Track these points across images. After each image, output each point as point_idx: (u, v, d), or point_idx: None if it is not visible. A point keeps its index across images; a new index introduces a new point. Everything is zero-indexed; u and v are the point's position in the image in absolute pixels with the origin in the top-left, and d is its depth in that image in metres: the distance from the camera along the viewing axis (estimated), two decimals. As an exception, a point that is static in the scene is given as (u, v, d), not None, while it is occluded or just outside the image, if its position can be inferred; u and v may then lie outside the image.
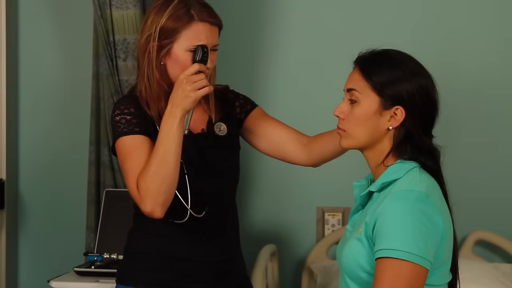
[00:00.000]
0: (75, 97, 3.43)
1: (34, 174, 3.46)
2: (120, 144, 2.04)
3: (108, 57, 3.01)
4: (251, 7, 3.37)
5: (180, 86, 1.97)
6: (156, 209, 1.95)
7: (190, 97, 1.96)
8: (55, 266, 3.36)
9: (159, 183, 1.94)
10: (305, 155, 2.18)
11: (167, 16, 2.02)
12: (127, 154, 2.01)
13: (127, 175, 2.00)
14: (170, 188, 1.96)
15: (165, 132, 1.96)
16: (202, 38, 2.02)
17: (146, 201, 1.95)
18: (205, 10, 2.04)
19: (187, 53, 2.02)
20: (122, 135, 2.03)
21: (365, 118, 1.77)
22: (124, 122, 2.04)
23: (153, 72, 2.06)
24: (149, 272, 2.10)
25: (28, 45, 3.45)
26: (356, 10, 3.38)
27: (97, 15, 3.00)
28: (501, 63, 3.35)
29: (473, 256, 3.30)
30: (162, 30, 2.02)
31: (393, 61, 1.77)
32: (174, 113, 1.97)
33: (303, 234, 3.42)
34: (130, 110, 2.06)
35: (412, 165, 1.76)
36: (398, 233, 1.64)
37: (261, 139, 2.22)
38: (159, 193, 1.94)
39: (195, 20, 2.02)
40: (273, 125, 2.22)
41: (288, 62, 3.39)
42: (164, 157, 1.95)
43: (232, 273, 2.18)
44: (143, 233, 2.13)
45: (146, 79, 2.07)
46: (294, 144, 2.19)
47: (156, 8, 2.06)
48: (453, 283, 1.81)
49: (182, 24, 2.02)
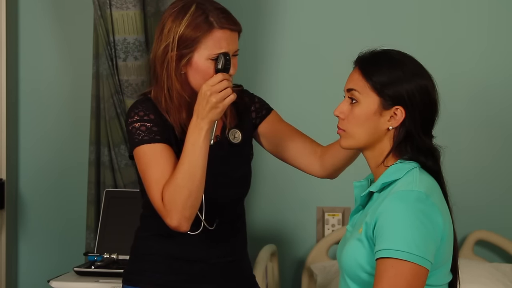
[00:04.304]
0: (75, 97, 3.42)
1: (34, 174, 3.46)
2: (141, 152, 1.99)
3: (108, 57, 3.01)
4: (251, 6, 3.37)
5: (205, 98, 1.92)
6: (183, 223, 1.93)
7: (217, 108, 1.92)
8: (55, 266, 3.36)
9: (186, 197, 1.91)
10: (319, 166, 2.14)
11: (185, 25, 1.96)
12: (148, 163, 1.97)
13: (150, 186, 1.96)
14: (196, 202, 1.94)
15: (191, 144, 1.92)
16: (223, 45, 1.96)
17: (172, 215, 1.92)
18: (223, 16, 1.98)
19: (209, 61, 1.96)
20: (142, 143, 1.98)
21: (365, 118, 1.77)
22: (144, 130, 1.99)
23: (173, 83, 1.99)
24: (158, 273, 2.08)
25: (28, 45, 3.44)
26: (356, 10, 3.38)
27: (97, 15, 3.00)
28: (502, 63, 3.35)
29: (473, 256, 3.30)
30: (181, 39, 1.96)
31: (393, 61, 1.78)
32: (200, 125, 1.92)
33: (303, 234, 3.42)
34: (150, 117, 2.01)
35: (412, 165, 1.76)
36: (398, 233, 1.64)
37: (275, 147, 2.18)
38: (185, 207, 1.92)
39: (215, 28, 1.96)
40: (288, 134, 2.16)
41: (288, 61, 3.39)
42: (190, 170, 1.91)
43: (240, 274, 2.17)
44: (151, 234, 2.11)
45: (166, 90, 2.00)
46: (309, 156, 2.14)
47: (173, 16, 1.99)
48: (453, 283, 1.81)
49: (201, 33, 1.95)
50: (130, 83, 2.99)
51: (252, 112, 2.16)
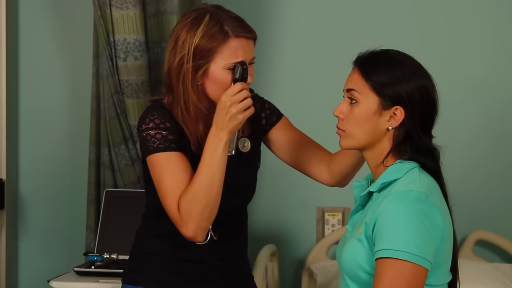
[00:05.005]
0: (75, 97, 3.43)
1: (34, 174, 3.46)
2: (155, 160, 1.96)
3: (108, 57, 3.01)
4: (251, 6, 3.37)
5: (224, 109, 1.90)
6: (198, 234, 1.92)
7: (237, 119, 1.90)
8: (55, 266, 3.36)
9: (203, 208, 1.90)
10: (328, 174, 2.13)
11: (200, 35, 1.93)
12: (163, 171, 1.95)
13: (165, 194, 1.94)
14: (213, 213, 1.93)
15: (210, 155, 1.91)
16: (240, 54, 1.95)
17: (188, 226, 1.91)
18: (238, 24, 1.96)
19: (226, 71, 1.94)
20: (157, 151, 1.96)
21: (365, 118, 1.77)
22: (160, 138, 1.96)
23: (189, 95, 1.96)
24: (160, 272, 2.07)
25: (28, 45, 3.44)
26: (356, 10, 3.38)
27: (97, 15, 3.00)
28: (502, 63, 3.35)
29: (473, 256, 3.30)
30: (197, 50, 1.93)
31: (393, 61, 1.77)
32: (219, 135, 1.91)
33: (303, 234, 3.42)
34: (166, 125, 1.98)
35: (412, 165, 1.76)
36: (398, 233, 1.64)
37: (284, 154, 2.16)
38: (202, 218, 1.91)
39: (230, 37, 1.93)
40: (297, 141, 2.15)
41: (288, 61, 3.39)
42: (208, 181, 1.90)
43: (239, 275, 2.17)
44: (153, 234, 2.10)
45: (183, 103, 1.98)
46: (318, 164, 2.13)
47: (187, 27, 1.96)
48: (453, 283, 1.81)
49: (217, 43, 1.93)
50: (130, 83, 2.99)
51: (262, 118, 2.15)
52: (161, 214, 2.01)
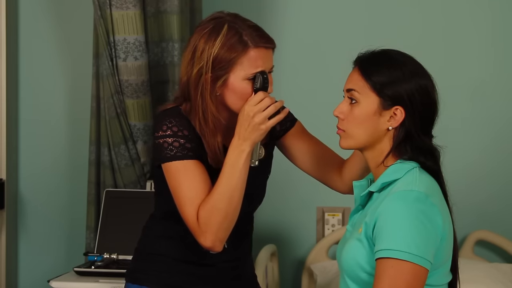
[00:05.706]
0: (75, 97, 3.43)
1: (34, 174, 3.46)
2: (172, 168, 1.94)
3: (108, 57, 3.00)
4: (251, 6, 3.37)
5: (247, 119, 1.89)
6: (217, 244, 1.91)
7: (260, 130, 1.89)
8: (55, 266, 3.36)
9: (222, 219, 1.90)
10: (340, 182, 2.12)
11: (219, 46, 1.91)
12: (181, 179, 1.93)
13: (183, 203, 1.92)
14: (232, 223, 1.92)
15: (231, 166, 1.90)
16: (259, 64, 1.92)
17: (207, 236, 1.90)
18: (257, 34, 1.93)
19: (245, 81, 1.92)
20: (175, 159, 1.94)
21: (365, 118, 1.77)
22: (177, 146, 1.94)
23: (208, 106, 1.94)
24: (165, 273, 2.07)
25: (28, 45, 3.44)
26: (356, 9, 3.38)
27: (97, 15, 3.00)
28: (502, 63, 3.35)
29: (473, 256, 3.30)
30: (216, 61, 1.91)
31: (393, 61, 1.78)
32: (242, 146, 1.90)
33: (303, 234, 3.41)
34: (184, 133, 1.95)
35: (412, 165, 1.76)
36: (398, 233, 1.64)
37: (297, 160, 2.15)
38: (220, 229, 1.90)
39: (250, 47, 1.91)
40: (312, 148, 2.13)
41: (288, 61, 3.39)
42: (228, 192, 1.89)
43: (244, 276, 2.18)
44: (160, 235, 2.09)
45: (201, 114, 1.95)
46: (331, 171, 2.12)
47: (205, 36, 1.93)
48: (453, 283, 1.81)
49: (237, 53, 1.90)
50: (130, 83, 2.99)
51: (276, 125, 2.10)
52: (171, 217, 2.00)
